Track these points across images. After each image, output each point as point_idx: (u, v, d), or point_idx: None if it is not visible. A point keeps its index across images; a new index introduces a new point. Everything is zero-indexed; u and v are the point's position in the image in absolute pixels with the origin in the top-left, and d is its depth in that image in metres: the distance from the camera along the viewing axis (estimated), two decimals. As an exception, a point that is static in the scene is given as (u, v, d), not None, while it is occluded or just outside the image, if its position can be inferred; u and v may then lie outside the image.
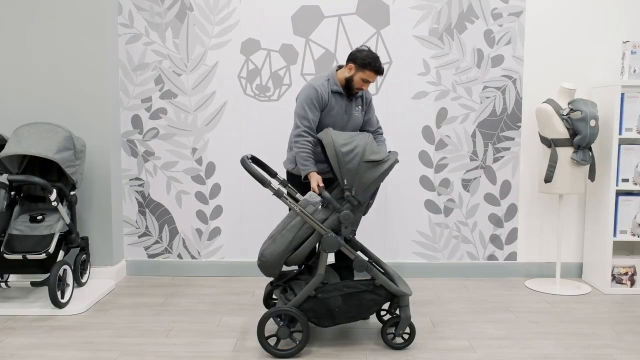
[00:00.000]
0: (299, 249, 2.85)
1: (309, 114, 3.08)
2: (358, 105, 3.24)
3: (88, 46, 3.89)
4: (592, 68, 4.11)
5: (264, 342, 2.81)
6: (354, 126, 3.23)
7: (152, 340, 3.02)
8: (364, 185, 2.79)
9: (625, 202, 3.80)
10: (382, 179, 2.84)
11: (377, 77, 3.13)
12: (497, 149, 4.16)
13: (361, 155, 2.78)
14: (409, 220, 4.20)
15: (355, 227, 2.89)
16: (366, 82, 3.11)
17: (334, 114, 3.14)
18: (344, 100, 3.17)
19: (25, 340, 3.01)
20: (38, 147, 3.39)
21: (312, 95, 3.09)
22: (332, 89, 3.13)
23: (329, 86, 3.14)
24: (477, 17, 4.07)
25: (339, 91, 3.15)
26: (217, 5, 4.07)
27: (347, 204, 2.82)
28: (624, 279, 3.87)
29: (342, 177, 2.80)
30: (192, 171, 4.19)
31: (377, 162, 2.79)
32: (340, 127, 3.16)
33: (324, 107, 3.12)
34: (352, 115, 3.21)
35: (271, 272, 2.90)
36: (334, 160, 2.79)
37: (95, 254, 4.01)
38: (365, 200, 2.84)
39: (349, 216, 2.81)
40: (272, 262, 2.86)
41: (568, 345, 2.96)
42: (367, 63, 3.05)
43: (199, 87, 4.13)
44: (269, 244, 2.88)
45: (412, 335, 2.91)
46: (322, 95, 3.10)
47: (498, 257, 4.23)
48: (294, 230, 2.85)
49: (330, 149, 2.80)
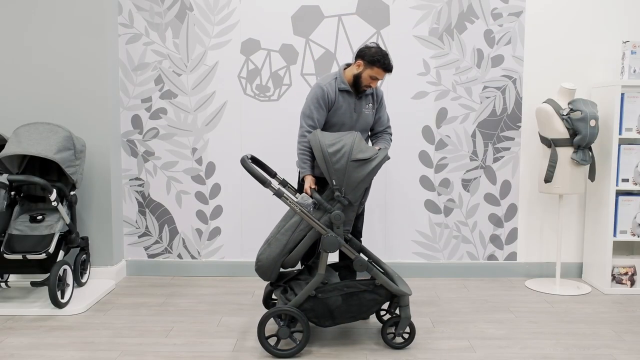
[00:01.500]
0: (293, 251, 2.87)
1: (314, 113, 3.08)
2: (369, 103, 3.20)
3: (88, 46, 3.89)
4: (592, 68, 4.11)
5: (265, 342, 2.80)
6: (364, 124, 3.21)
7: (152, 340, 3.02)
8: (353, 185, 2.79)
9: (625, 202, 3.80)
10: (371, 177, 2.82)
11: (386, 74, 3.09)
12: (497, 149, 4.16)
13: (348, 155, 2.78)
14: (409, 220, 4.20)
15: (348, 226, 2.89)
16: (374, 80, 3.08)
17: (341, 113, 3.13)
18: (352, 99, 3.14)
19: (25, 340, 3.01)
20: (38, 147, 3.39)
21: (318, 94, 3.08)
22: (340, 87, 3.11)
23: (336, 85, 3.12)
24: (477, 17, 4.07)
25: (347, 89, 3.12)
26: (217, 5, 4.07)
27: (337, 204, 2.83)
28: (624, 279, 3.87)
29: (330, 177, 2.80)
30: (192, 171, 4.19)
31: (364, 161, 2.78)
32: (349, 126, 3.14)
33: (330, 106, 3.11)
34: (362, 113, 3.18)
35: (268, 275, 2.92)
36: (321, 161, 2.80)
37: (95, 254, 4.01)
38: (355, 200, 2.84)
39: (340, 216, 2.81)
40: (268, 266, 2.88)
41: (568, 345, 2.97)
42: (376, 60, 3.02)
43: (199, 87, 4.13)
44: (264, 249, 2.90)
45: (412, 335, 2.92)
46: (329, 93, 3.08)
47: (498, 257, 4.23)
48: (287, 233, 2.87)
49: (317, 149, 2.81)
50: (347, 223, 2.87)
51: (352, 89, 3.13)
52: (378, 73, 3.05)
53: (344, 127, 3.14)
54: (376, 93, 3.25)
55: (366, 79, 3.08)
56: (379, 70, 3.04)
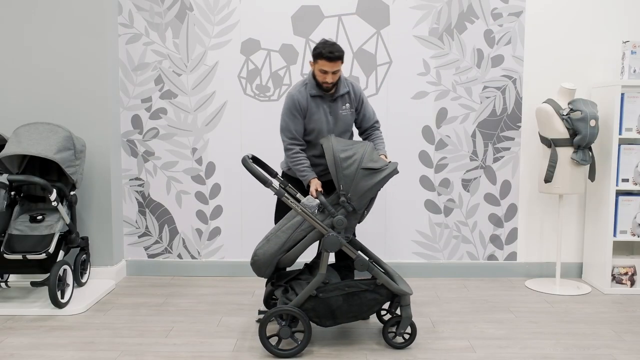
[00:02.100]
0: (291, 250, 2.86)
1: (290, 124, 3.04)
2: (345, 104, 3.10)
3: (88, 46, 3.89)
4: (592, 68, 4.11)
5: (266, 342, 2.80)
6: (344, 126, 3.12)
7: (152, 340, 3.02)
8: (360, 192, 2.80)
9: (625, 202, 3.81)
10: (378, 188, 2.83)
11: (335, 64, 2.92)
12: (497, 149, 4.16)
13: (359, 162, 2.79)
14: (409, 220, 4.20)
15: (348, 233, 2.89)
16: (325, 73, 2.94)
17: (316, 119, 3.05)
18: (326, 102, 3.06)
19: (25, 340, 3.01)
20: (38, 147, 3.39)
21: (289, 104, 3.03)
22: (311, 94, 3.03)
23: (306, 91, 3.03)
24: (477, 17, 4.07)
25: (318, 94, 3.04)
26: (217, 5, 4.07)
27: (341, 209, 2.83)
28: (624, 279, 3.88)
29: (338, 182, 2.80)
30: (192, 171, 4.19)
31: (374, 170, 2.79)
32: (327, 131, 3.07)
33: (304, 113, 3.03)
34: (339, 115, 3.09)
35: (262, 271, 2.91)
36: (331, 165, 2.80)
37: (95, 254, 4.01)
38: (360, 208, 2.84)
39: (342, 221, 2.81)
40: (263, 261, 2.87)
41: (568, 345, 2.97)
42: (318, 52, 2.92)
43: (199, 87, 4.13)
44: (263, 244, 2.90)
45: (413, 334, 2.92)
46: (300, 101, 3.01)
47: (498, 257, 4.23)
48: (288, 232, 2.87)
49: (329, 153, 2.82)
50: (348, 230, 2.87)
51: (322, 92, 3.04)
52: (323, 65, 2.91)
53: (322, 132, 3.06)
54: (353, 91, 3.12)
55: (319, 76, 2.97)
56: (324, 62, 2.90)
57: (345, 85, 3.11)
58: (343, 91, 3.09)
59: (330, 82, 2.98)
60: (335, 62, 2.92)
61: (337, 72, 2.97)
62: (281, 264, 2.90)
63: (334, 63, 2.91)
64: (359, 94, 3.16)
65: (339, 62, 2.93)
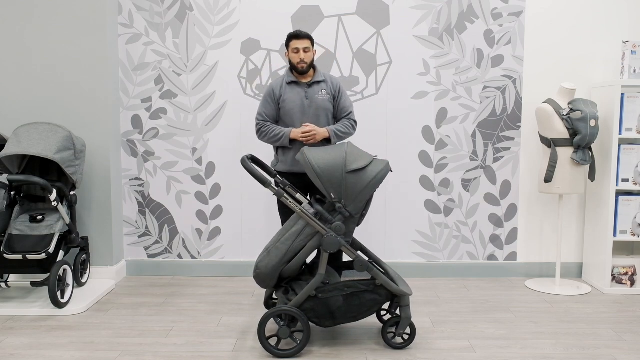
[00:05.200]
0: (293, 260, 2.86)
1: (262, 108, 3.39)
2: (322, 90, 3.37)
3: (88, 46, 3.89)
4: (592, 68, 4.11)
5: (265, 342, 2.80)
6: (319, 107, 3.34)
7: (152, 340, 3.02)
8: (353, 196, 2.77)
9: (625, 202, 3.81)
10: (373, 189, 2.79)
11: (304, 41, 3.29)
12: (497, 149, 4.16)
13: (342, 167, 2.75)
14: (408, 220, 4.20)
15: (348, 237, 2.88)
16: (297, 52, 3.30)
17: (291, 101, 3.33)
18: (302, 88, 3.35)
19: (25, 340, 3.01)
20: (38, 147, 3.39)
21: (265, 93, 3.41)
22: (287, 81, 3.37)
23: (283, 80, 3.39)
24: (477, 17, 4.07)
25: (294, 80, 3.35)
26: (217, 5, 4.07)
27: (338, 216, 2.82)
28: (624, 279, 3.87)
29: (327, 191, 2.78)
30: (192, 171, 4.19)
31: (361, 170, 2.76)
32: (300, 110, 3.32)
33: (278, 98, 3.36)
34: (315, 99, 3.34)
35: (266, 283, 2.92)
36: (314, 179, 2.78)
37: (95, 254, 4.01)
38: (357, 211, 2.82)
39: (340, 228, 2.80)
40: (266, 274, 2.88)
41: (568, 346, 2.97)
42: (288, 37, 3.34)
43: (199, 87, 4.13)
44: (264, 257, 2.89)
45: (412, 335, 2.92)
46: (274, 89, 3.37)
47: (498, 257, 4.23)
48: (288, 242, 2.85)
49: (309, 169, 2.78)
50: (347, 234, 2.86)
51: (298, 78, 3.35)
52: (294, 44, 3.30)
53: (296, 113, 3.32)
54: (331, 82, 3.42)
55: (293, 57, 3.32)
56: (294, 41, 3.30)
57: (322, 76, 3.42)
58: (319, 79, 3.39)
59: (304, 61, 3.31)
60: (303, 39, 3.31)
61: (307, 49, 3.32)
62: (284, 274, 2.90)
63: (302, 40, 3.30)
64: (337, 84, 3.45)
65: (307, 40, 3.31)
